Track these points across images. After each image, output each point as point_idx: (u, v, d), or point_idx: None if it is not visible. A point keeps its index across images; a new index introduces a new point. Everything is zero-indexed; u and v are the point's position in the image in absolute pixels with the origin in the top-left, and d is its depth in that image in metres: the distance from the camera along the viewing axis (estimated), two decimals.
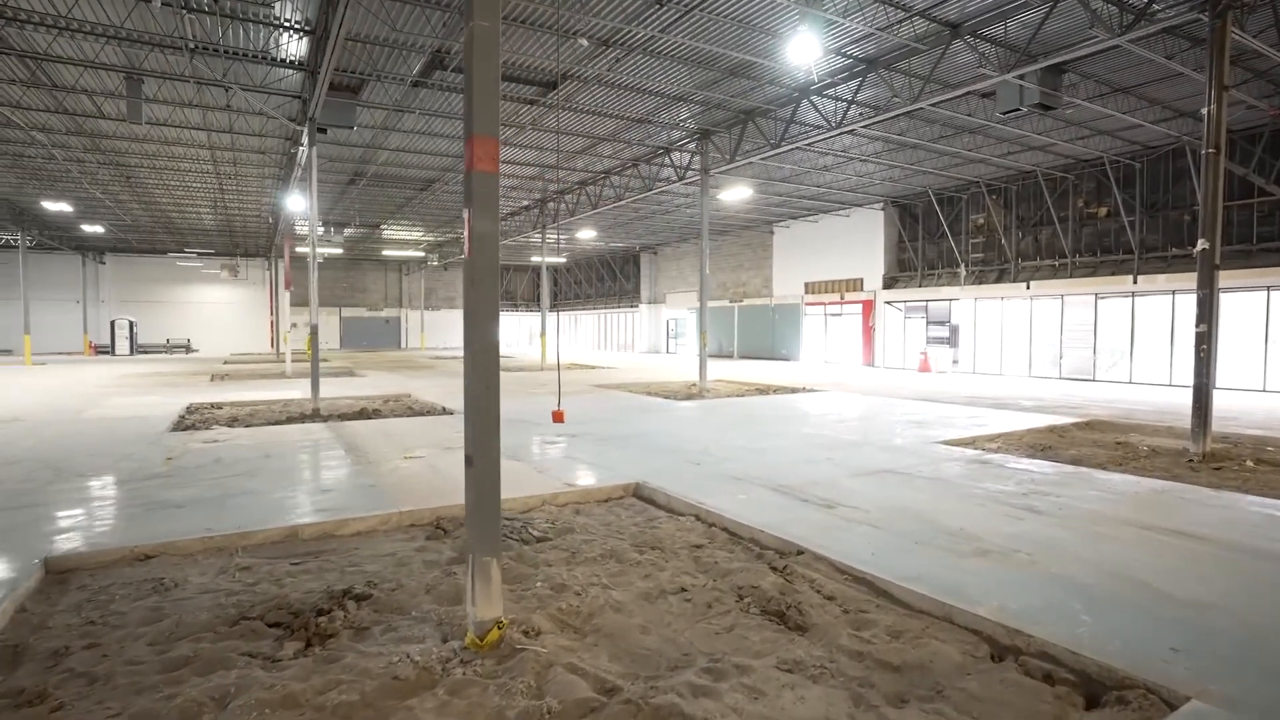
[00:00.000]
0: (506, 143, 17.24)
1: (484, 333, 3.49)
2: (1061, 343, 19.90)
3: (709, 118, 15.59)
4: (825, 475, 6.99)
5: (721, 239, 33.91)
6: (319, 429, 10.38)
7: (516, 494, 6.24)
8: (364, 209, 26.59)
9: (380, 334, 47.62)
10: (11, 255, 33.17)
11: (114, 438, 9.29)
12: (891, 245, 25.30)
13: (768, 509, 5.74)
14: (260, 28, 10.50)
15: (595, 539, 5.23)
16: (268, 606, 3.91)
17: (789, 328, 29.71)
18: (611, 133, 16.71)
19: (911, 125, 15.83)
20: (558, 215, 25.68)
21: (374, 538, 5.37)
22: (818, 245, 28.13)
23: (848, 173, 20.45)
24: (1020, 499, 6.02)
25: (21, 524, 5.34)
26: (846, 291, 26.60)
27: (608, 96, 14.06)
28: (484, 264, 3.48)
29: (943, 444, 8.88)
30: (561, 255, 44.96)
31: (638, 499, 6.54)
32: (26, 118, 14.58)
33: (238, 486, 6.53)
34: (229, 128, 15.39)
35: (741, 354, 32.68)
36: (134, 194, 22.51)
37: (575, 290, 51.24)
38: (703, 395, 15.61)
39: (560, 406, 9.89)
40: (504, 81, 13.05)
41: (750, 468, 7.38)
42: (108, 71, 12.15)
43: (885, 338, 25.03)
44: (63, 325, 36.36)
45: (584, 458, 7.94)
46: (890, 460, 7.76)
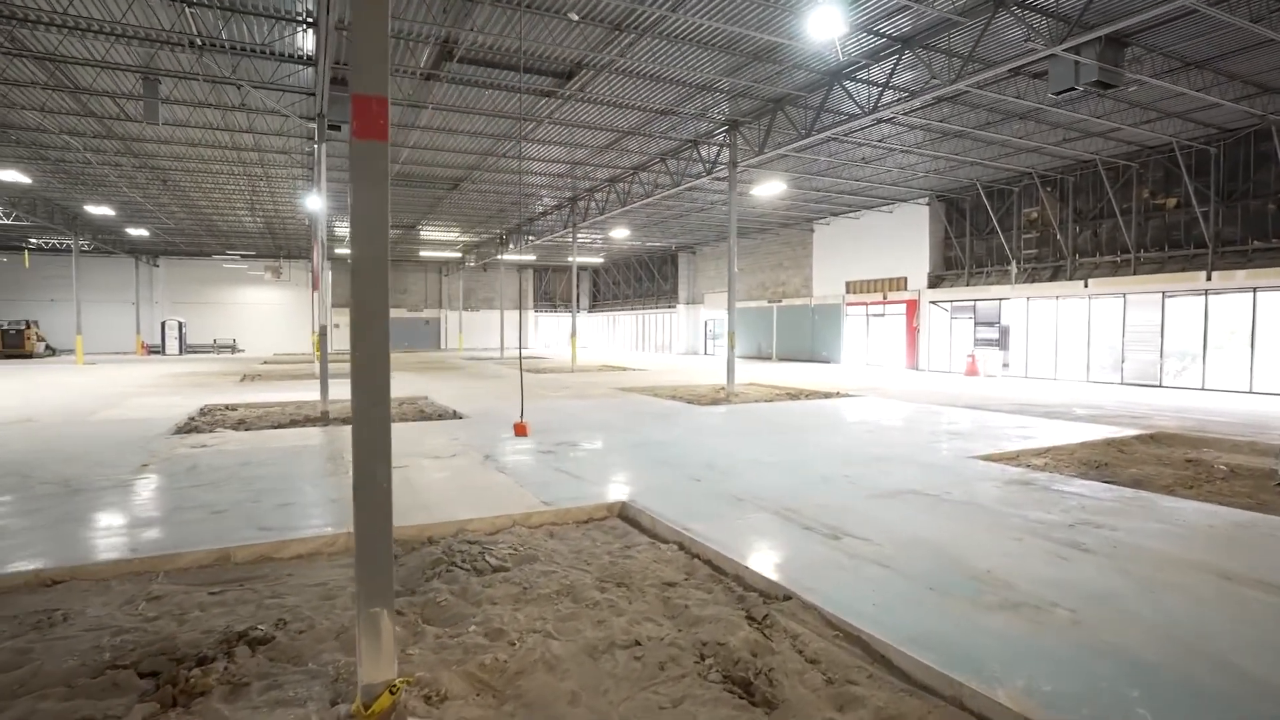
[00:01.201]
0: (527, 138, 16.76)
1: (371, 335, 2.86)
2: (1123, 345, 18.35)
3: (736, 107, 14.78)
4: (839, 496, 6.17)
5: (760, 237, 32.92)
6: (316, 433, 10.01)
7: (486, 513, 5.64)
8: (397, 209, 26.57)
9: (420, 334, 48.07)
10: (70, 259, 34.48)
11: (107, 442, 9.08)
12: (937, 242, 23.95)
13: (763, 538, 4.98)
14: (264, 20, 10.21)
15: (558, 570, 4.57)
16: (150, 650, 3.37)
17: (829, 329, 28.53)
18: (636, 126, 16.06)
19: (955, 112, 14.69)
20: (587, 214, 25.16)
21: (314, 562, 4.83)
22: (859, 243, 26.91)
23: (888, 165, 19.31)
24: (1066, 531, 5.10)
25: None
26: (889, 291, 25.33)
27: (627, 87, 13.40)
28: (371, 252, 2.85)
29: (981, 459, 7.92)
30: (599, 255, 44.58)
31: (622, 520, 5.85)
32: (56, 121, 14.77)
33: (195, 499, 6.09)
34: (249, 127, 15.32)
35: (780, 356, 31.61)
36: (173, 197, 22.92)
37: (614, 291, 50.80)
38: (729, 400, 14.82)
39: (550, 412, 9.25)
40: (518, 72, 12.54)
41: (757, 485, 6.60)
42: (123, 72, 12.10)
43: (930, 339, 23.69)
44: (117, 326, 37.68)
45: (577, 470, 7.29)
46: (917, 478, 6.87)
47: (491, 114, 14.83)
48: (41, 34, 10.61)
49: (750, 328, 34.01)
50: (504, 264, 45.61)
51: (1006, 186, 21.50)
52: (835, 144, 17.27)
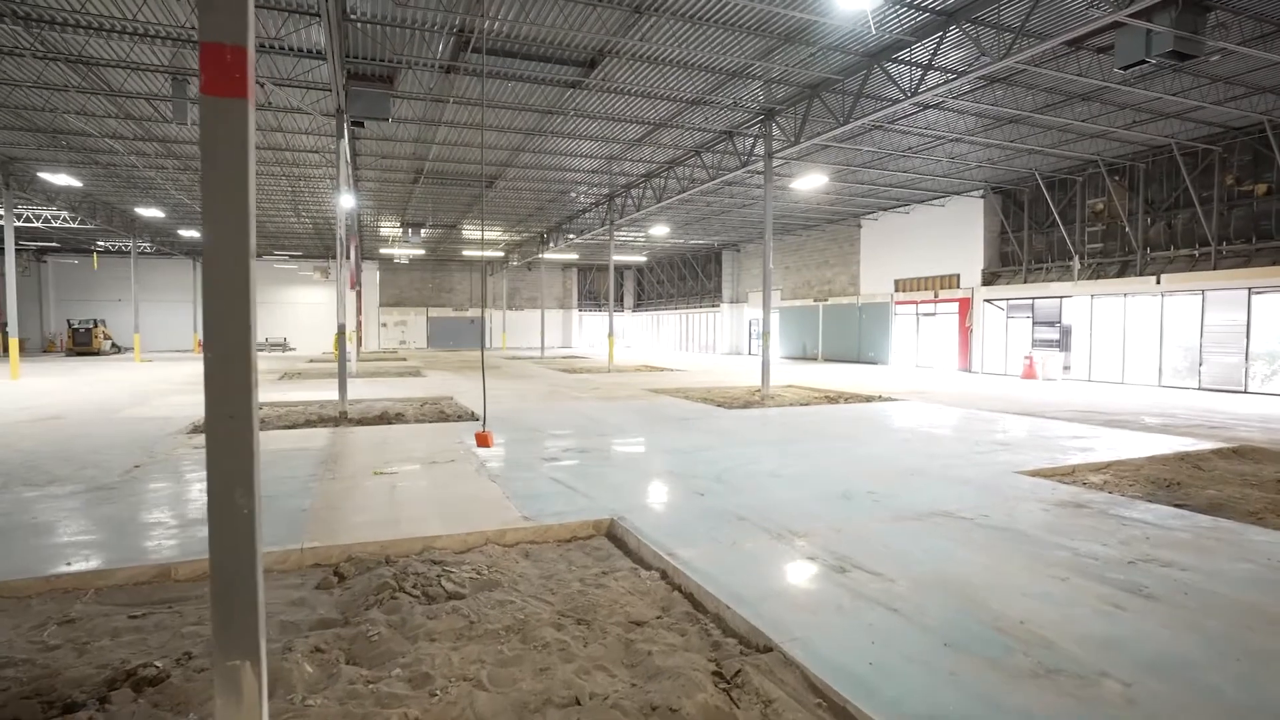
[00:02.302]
0: (557, 132, 16.34)
1: (226, 332, 2.36)
2: (1201, 346, 16.75)
3: (770, 95, 14.01)
4: (858, 518, 5.45)
5: (805, 234, 31.85)
6: (324, 434, 9.76)
7: (460, 528, 5.15)
8: (436, 208, 26.63)
9: (465, 334, 48.47)
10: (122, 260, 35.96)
11: (117, 441, 9.00)
12: (993, 237, 22.53)
13: (757, 568, 4.33)
14: (277, 14, 10.02)
15: (516, 600, 4.03)
16: (24, 691, 2.98)
17: (877, 329, 27.30)
18: (667, 118, 15.45)
19: (1009, 95, 13.57)
20: (624, 210, 24.66)
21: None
22: (909, 239, 25.63)
23: (938, 155, 18.15)
24: (1123, 570, 4.27)
25: None
26: (941, 289, 24.00)
27: (653, 75, 12.81)
28: (227, 234, 2.35)
29: (1028, 475, 7.03)
30: (641, 254, 44.07)
31: (610, 539, 5.27)
32: (97, 125, 15.08)
33: (163, 506, 5.79)
34: (278, 126, 15.35)
35: (826, 357, 30.48)
36: None
37: (657, 290, 50.24)
38: (762, 404, 14.07)
39: (568, 414, 8.74)
40: (539, 62, 12.10)
41: (766, 503, 5.93)
42: (151, 72, 12.17)
43: (984, 340, 22.31)
44: (177, 325, 39.17)
45: (575, 481, 6.74)
46: (951, 497, 6.07)
47: (516, 108, 14.45)
48: (70, 36, 10.70)
49: (795, 328, 32.95)
50: (544, 263, 45.62)
51: (1069, 176, 20.01)
52: (879, 133, 16.29)
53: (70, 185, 19.60)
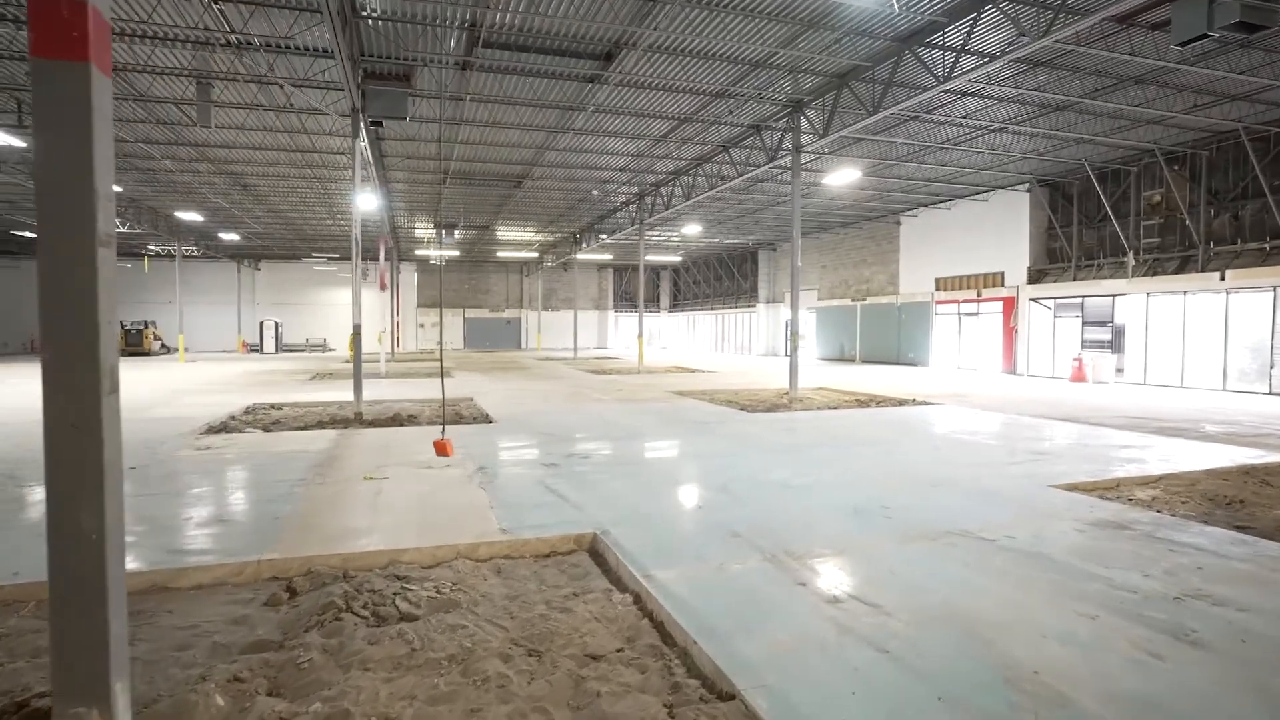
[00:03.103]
0: (579, 129, 16.05)
1: (70, 331, 2.05)
2: (1273, 347, 15.49)
3: (797, 86, 13.44)
4: (865, 536, 4.94)
5: (843, 231, 30.96)
6: (330, 436, 9.63)
7: (432, 541, 4.83)
8: (467, 209, 26.66)
9: (502, 335, 48.74)
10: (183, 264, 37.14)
11: (129, 440, 8.98)
12: (1039, 232, 21.39)
13: (741, 593, 3.89)
14: (288, 12, 9.95)
15: (469, 625, 3.68)
16: None
17: (917, 329, 26.29)
18: (691, 112, 15.00)
19: (1054, 79, 12.72)
20: (654, 209, 24.27)
21: (212, 595, 4.17)
22: (950, 235, 24.59)
23: (978, 147, 17.26)
24: (1167, 608, 3.69)
25: None
26: (984, 287, 22.93)
27: (673, 67, 12.39)
28: (68, 218, 2.04)
29: (1064, 489, 6.38)
30: (676, 254, 43.60)
31: (591, 556, 4.88)
32: (131, 130, 15.40)
33: (133, 511, 5.63)
34: (302, 128, 15.43)
35: (865, 358, 29.54)
36: (256, 201, 23.89)
37: (693, 290, 49.68)
38: (789, 407, 13.51)
39: (582, 417, 8.40)
40: (553, 56, 11.81)
41: (768, 517, 5.46)
42: (176, 76, 12.30)
43: (1030, 340, 21.19)
44: (222, 325, 40.33)
45: (568, 489, 6.38)
46: (974, 513, 5.50)
47: (536, 104, 14.19)
48: None
49: (831, 328, 32.06)
50: (578, 264, 45.56)
51: (1122, 166, 18.82)
52: (915, 124, 15.53)
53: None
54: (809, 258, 34.59)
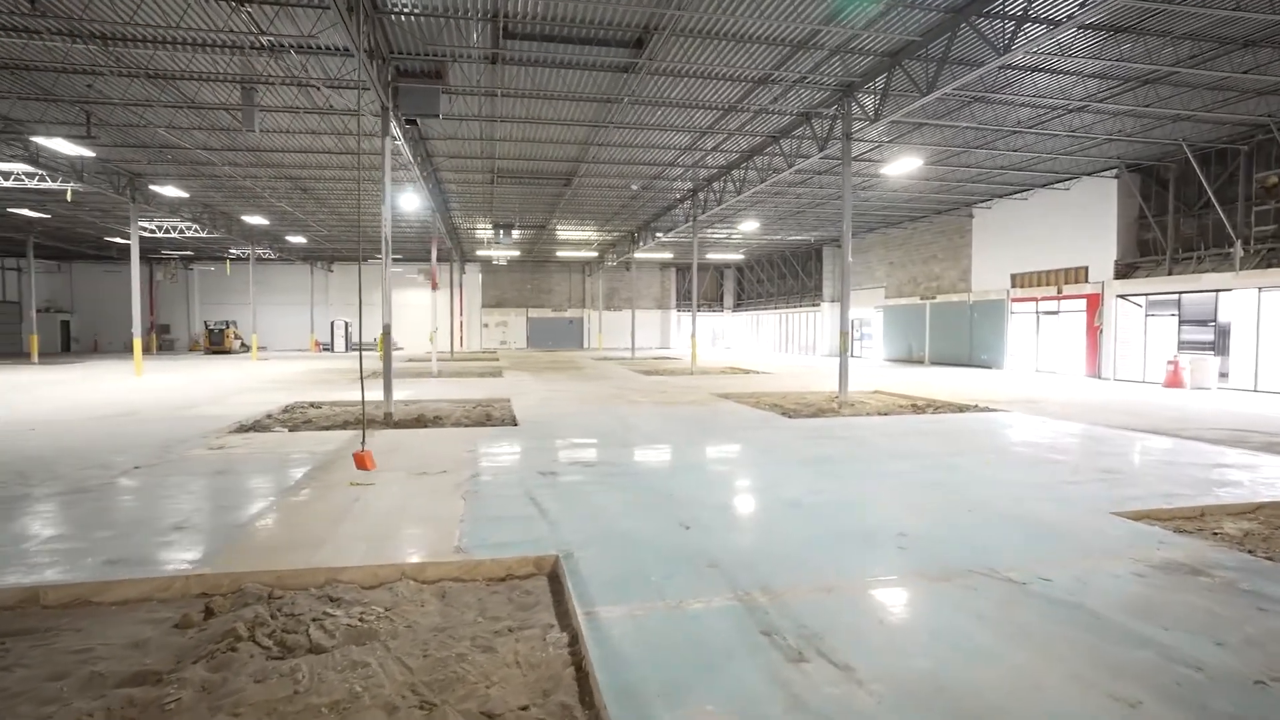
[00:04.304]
0: (618, 123, 15.58)
1: None
2: None
3: (847, 67, 12.51)
4: (862, 572, 4.22)
5: (911, 226, 29.32)
6: (347, 437, 9.50)
7: (375, 559, 4.43)
8: (522, 208, 26.66)
9: (564, 334, 48.94)
10: (261, 266, 39.01)
11: (154, 438, 9.16)
12: (1129, 223, 19.42)
13: (689, 642, 3.28)
14: (310, 12, 9.91)
15: (374, 663, 3.24)
16: None
17: (990, 329, 24.50)
18: (735, 101, 14.27)
19: (1142, 47, 11.29)
20: (706, 205, 23.55)
21: (134, 611, 3.91)
22: (1027, 228, 22.75)
23: (1055, 129, 15.72)
24: (1246, 699, 2.83)
25: None
26: (1065, 283, 21.06)
27: (709, 52, 11.73)
28: None
29: (1130, 517, 5.40)
30: (738, 252, 42.59)
31: (550, 581, 4.36)
32: (189, 137, 15.99)
33: (103, 515, 5.50)
34: (345, 130, 15.60)
35: (934, 359, 27.85)
36: (319, 204, 24.63)
37: (756, 289, 48.47)
38: (837, 412, 12.61)
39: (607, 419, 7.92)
40: (582, 45, 11.37)
41: (758, 542, 4.80)
42: (219, 82, 12.58)
43: (1116, 341, 19.27)
44: (298, 325, 42.16)
45: (552, 502, 5.89)
46: (1008, 547, 4.66)
47: (571, 98, 13.81)
48: (139, 50, 11.16)
49: (899, 328, 30.42)
50: (639, 263, 45.17)
51: (1229, 145, 16.78)
52: (980, 106, 14.25)
53: (179, 196, 21.15)
54: (875, 254, 32.99)
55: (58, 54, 11.41)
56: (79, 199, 21.56)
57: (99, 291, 39.45)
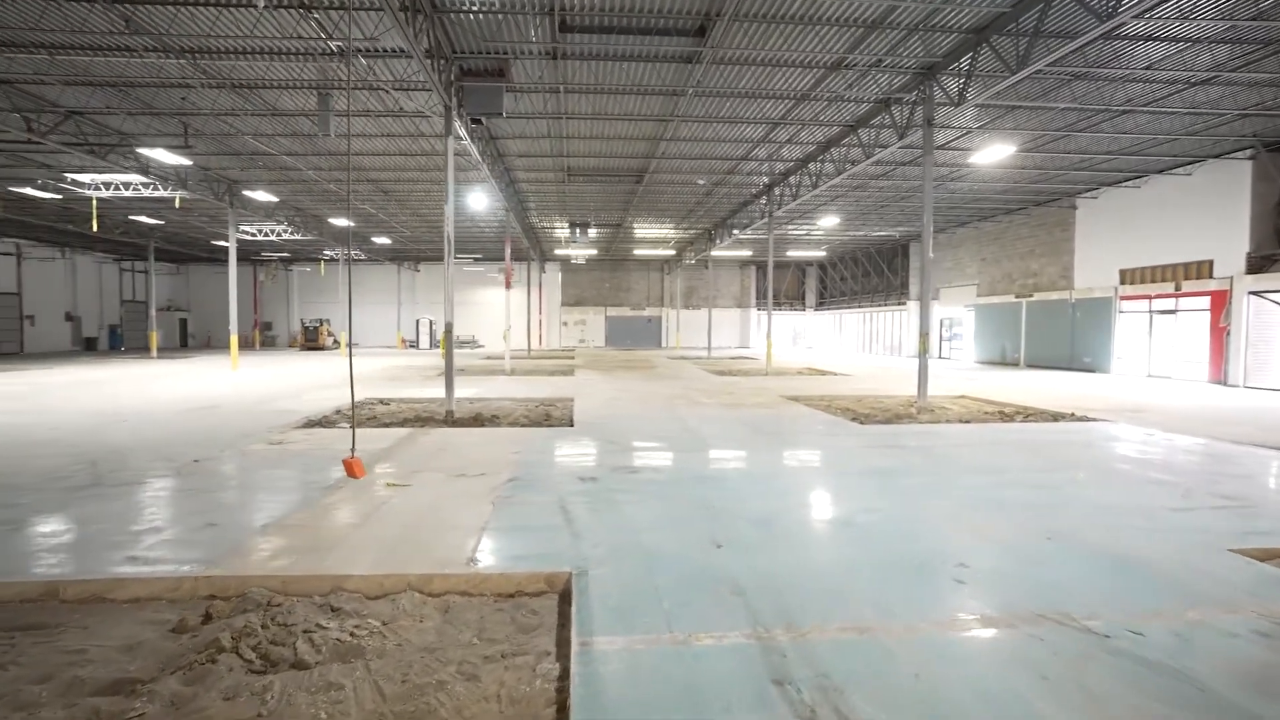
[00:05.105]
0: (685, 116, 15.17)
1: None
2: None
3: (927, 47, 11.60)
4: (908, 609, 3.66)
5: (1007, 219, 27.34)
6: (402, 435, 9.58)
7: (382, 569, 4.26)
8: (597, 206, 26.64)
9: (642, 333, 48.89)
10: (355, 267, 40.98)
11: (224, 432, 9.55)
12: (1265, 210, 17.21)
13: (689, 687, 2.88)
14: (370, 14, 10.07)
15: (349, 686, 3.04)
16: None
17: (1095, 329, 22.44)
18: (806, 89, 13.56)
19: None
20: (781, 201, 22.73)
21: (141, 610, 3.91)
22: (1140, 219, 20.66)
23: (1174, 106, 14.05)
24: None
25: None
26: (1185, 279, 18.95)
27: (776, 36, 11.14)
28: None
29: (1253, 556, 4.53)
30: (820, 249, 41.16)
31: (560, 600, 4.05)
32: (273, 144, 16.79)
33: (154, 505, 5.62)
34: (418, 132, 15.93)
35: (1030, 362, 25.86)
36: (400, 205, 25.48)
37: (839, 287, 46.74)
38: (914, 418, 11.75)
39: (667, 422, 7.60)
40: (641, 35, 11.05)
41: (795, 567, 4.32)
42: (297, 89, 13.07)
43: (1247, 343, 17.13)
44: (386, 323, 44.11)
45: (583, 511, 5.59)
46: (1096, 587, 3.97)
47: (635, 91, 13.52)
48: (221, 61, 11.73)
49: (992, 328, 28.46)
50: (717, 260, 44.51)
51: None
52: (1083, 84, 12.91)
53: (270, 200, 22.35)
54: (966, 250, 31.01)
55: (154, 69, 12.14)
56: (187, 205, 23.21)
57: (212, 291, 42.58)
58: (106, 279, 38.13)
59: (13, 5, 10.07)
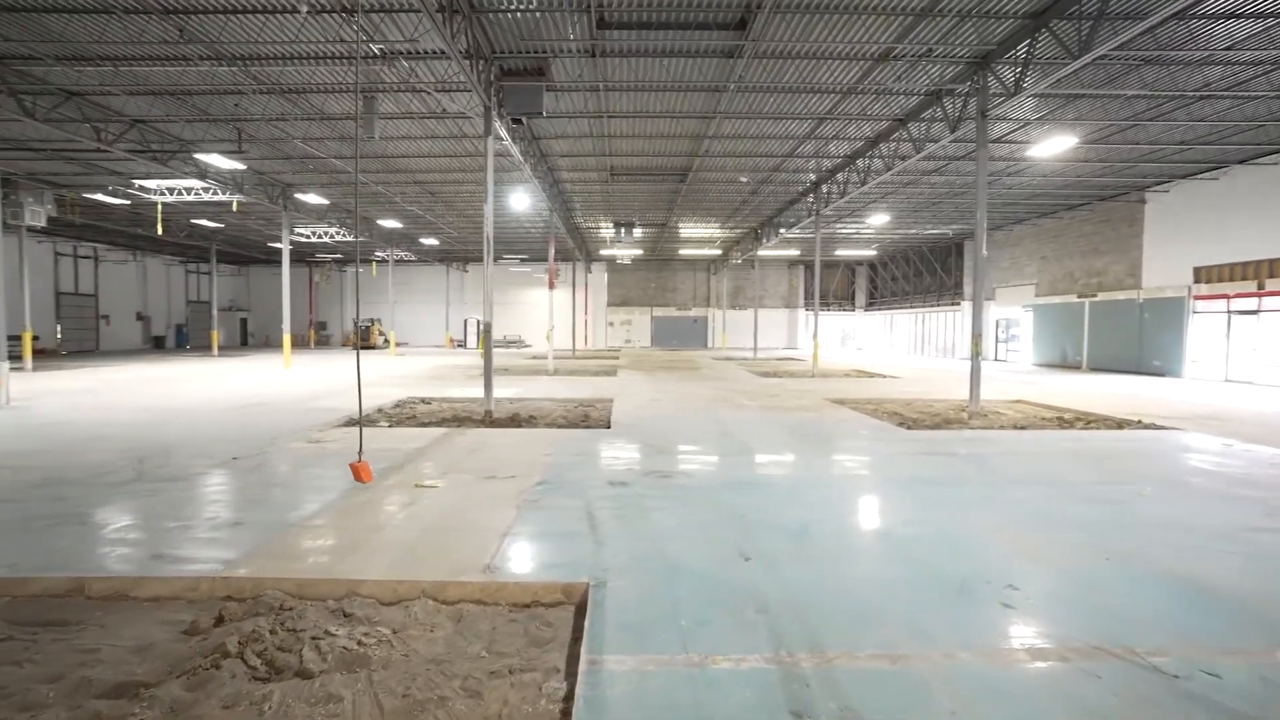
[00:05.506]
0: (726, 113, 14.88)
1: None
2: None
3: (980, 35, 11.05)
4: (947, 635, 3.37)
5: (1068, 215, 26.09)
6: (438, 435, 9.60)
7: (396, 574, 4.18)
8: (642, 206, 26.48)
9: (688, 333, 48.57)
10: (398, 268, 41.94)
11: (265, 429, 9.74)
12: None
13: (700, 718, 2.67)
14: (409, 15, 10.13)
15: (348, 698, 2.94)
16: None
17: (1166, 331, 21.15)
18: (853, 82, 13.12)
19: None
20: (829, 199, 22.16)
21: (159, 609, 3.92)
22: (1218, 212, 19.36)
23: (1259, 89, 13.05)
24: None
25: None
26: (1270, 277, 17.66)
27: (820, 27, 10.79)
28: None
29: None
30: (870, 248, 40.14)
31: (576, 613, 3.89)
32: (322, 147, 17.18)
33: (186, 502, 5.70)
34: (461, 133, 16.06)
35: (1093, 365, 24.59)
36: (448, 207, 25.84)
37: (890, 287, 45.50)
38: (966, 424, 11.23)
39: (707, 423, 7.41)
40: (681, 30, 10.84)
41: (824, 585, 4.05)
42: (342, 93, 13.31)
43: None
44: (434, 322, 44.95)
45: (607, 518, 5.42)
46: (1164, 618, 3.59)
47: (677, 88, 13.31)
48: (272, 67, 12.02)
49: (1051, 329, 27.18)
50: (764, 260, 43.89)
51: None
52: (1153, 69, 12.11)
53: (321, 203, 22.94)
54: (1024, 248, 29.72)
55: (208, 76, 12.53)
56: (244, 209, 24.05)
57: (271, 292, 44.13)
58: (174, 280, 39.93)
59: (80, 22, 10.53)
